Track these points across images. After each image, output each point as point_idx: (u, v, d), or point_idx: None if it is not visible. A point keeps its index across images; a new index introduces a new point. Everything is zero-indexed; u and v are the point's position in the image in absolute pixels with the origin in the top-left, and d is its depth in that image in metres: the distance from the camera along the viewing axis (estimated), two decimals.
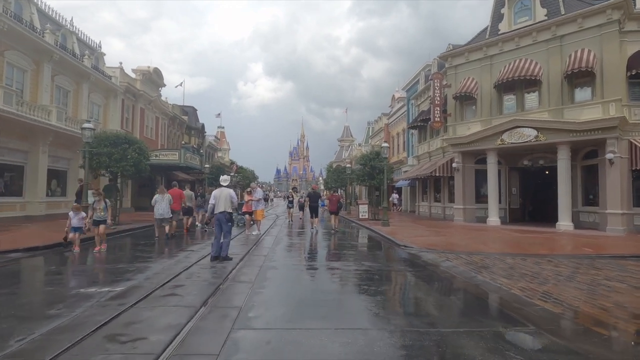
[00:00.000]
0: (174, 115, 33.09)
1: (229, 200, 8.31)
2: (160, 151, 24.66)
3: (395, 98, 35.85)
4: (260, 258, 8.66)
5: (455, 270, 7.57)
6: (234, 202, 8.39)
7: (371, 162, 19.98)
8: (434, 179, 22.55)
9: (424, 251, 10.03)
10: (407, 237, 12.65)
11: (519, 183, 18.48)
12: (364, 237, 13.93)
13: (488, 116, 16.92)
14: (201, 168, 29.61)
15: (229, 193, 8.35)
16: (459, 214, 18.02)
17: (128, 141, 15.36)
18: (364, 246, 11.57)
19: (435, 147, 22.19)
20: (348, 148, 61.26)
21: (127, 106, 24.81)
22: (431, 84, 18.55)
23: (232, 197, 8.36)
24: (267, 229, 15.74)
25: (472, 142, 17.04)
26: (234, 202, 8.40)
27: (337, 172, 33.77)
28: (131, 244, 11.47)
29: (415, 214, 25.63)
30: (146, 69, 26.73)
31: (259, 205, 13.55)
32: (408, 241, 11.51)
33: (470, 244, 11.11)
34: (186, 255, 8.98)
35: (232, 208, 8.36)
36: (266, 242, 11.75)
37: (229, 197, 8.32)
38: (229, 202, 8.30)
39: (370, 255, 9.83)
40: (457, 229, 15.45)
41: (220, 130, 62.64)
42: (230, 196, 8.33)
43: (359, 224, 18.49)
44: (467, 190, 18.07)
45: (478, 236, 13.05)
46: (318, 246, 11.27)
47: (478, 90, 17.05)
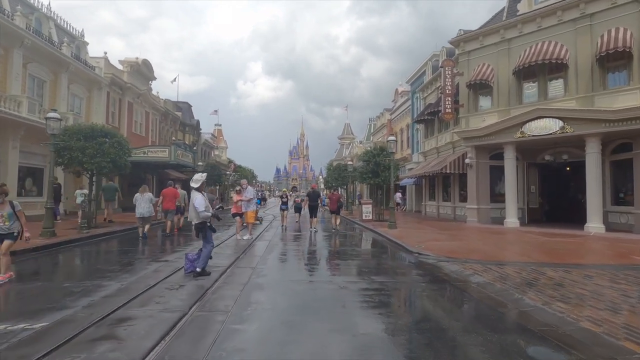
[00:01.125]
0: (166, 110, 31.46)
1: (192, 209, 6.64)
2: (148, 148, 23.04)
3: (398, 92, 34.21)
4: (246, 271, 7.05)
5: (492, 289, 5.95)
6: (198, 211, 6.49)
7: (375, 158, 18.36)
8: (443, 177, 20.94)
9: (443, 260, 8.42)
10: (419, 241, 11.04)
11: (538, 180, 16.86)
12: (370, 241, 12.32)
13: (506, 106, 15.29)
14: (194, 166, 27.97)
15: (192, 200, 6.65)
16: (473, 214, 16.40)
17: (105, 134, 13.74)
18: (370, 254, 9.96)
19: (444, 142, 20.56)
20: (349, 146, 59.61)
21: (113, 100, 23.17)
22: (441, 72, 16.92)
23: (195, 207, 6.50)
24: (261, 232, 14.13)
25: (487, 135, 15.41)
26: (199, 212, 6.49)
27: (338, 170, 32.14)
28: (97, 252, 9.84)
29: (422, 214, 24.01)
30: (134, 60, 25.09)
31: (249, 206, 11.93)
32: (421, 247, 9.92)
33: (494, 251, 9.50)
34: (158, 267, 7.36)
35: (200, 219, 6.64)
36: (258, 249, 10.14)
37: (192, 205, 6.66)
38: (194, 212, 6.64)
39: (379, 266, 8.21)
40: (473, 231, 13.84)
41: (218, 128, 61.00)
42: (194, 206, 6.54)
43: (363, 225, 16.88)
44: (481, 189, 16.45)
45: (500, 241, 11.43)
46: (317, 254, 9.65)
47: (494, 78, 15.42)
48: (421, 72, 25.88)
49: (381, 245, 11.22)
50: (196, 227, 6.71)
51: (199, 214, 6.53)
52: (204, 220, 6.67)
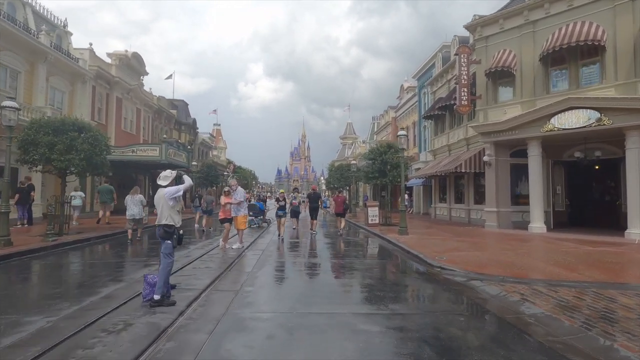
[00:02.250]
0: (159, 108, 29.90)
1: (164, 206, 5.08)
2: (137, 146, 21.43)
3: (404, 88, 32.54)
4: (227, 297, 5.41)
5: (561, 328, 4.27)
6: (171, 196, 5.10)
7: (382, 156, 16.73)
8: (455, 177, 19.26)
9: (474, 278, 6.77)
10: (438, 251, 9.37)
11: (564, 180, 15.15)
12: (379, 251, 10.64)
13: (530, 96, 13.60)
14: (188, 166, 26.36)
15: (162, 196, 5.13)
16: (492, 218, 14.71)
17: (79, 128, 12.14)
18: (382, 268, 8.27)
19: (457, 138, 18.88)
20: (351, 146, 57.96)
21: (99, 94, 21.61)
22: (456, 61, 15.26)
23: (167, 199, 5.10)
24: (255, 239, 12.49)
25: (509, 129, 13.73)
26: (171, 197, 5.10)
27: (340, 170, 30.52)
28: (52, 267, 8.13)
29: (431, 217, 22.31)
30: (123, 53, 23.54)
31: (240, 210, 10.28)
32: (443, 259, 8.25)
33: (532, 265, 7.82)
34: (114, 291, 5.72)
35: (171, 219, 5.07)
36: (247, 261, 8.49)
37: (162, 201, 5.10)
38: (165, 210, 5.07)
39: (396, 286, 6.53)
40: (496, 238, 12.15)
41: (216, 128, 59.50)
42: (165, 197, 5.10)
43: (369, 230, 15.21)
44: (501, 190, 14.76)
45: (532, 250, 9.74)
46: (318, 269, 7.97)
47: (517, 65, 13.74)
48: (430, 65, 24.22)
49: (393, 256, 9.54)
50: (160, 234, 5.08)
51: (170, 199, 5.09)
52: (171, 226, 5.06)
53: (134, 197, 11.53)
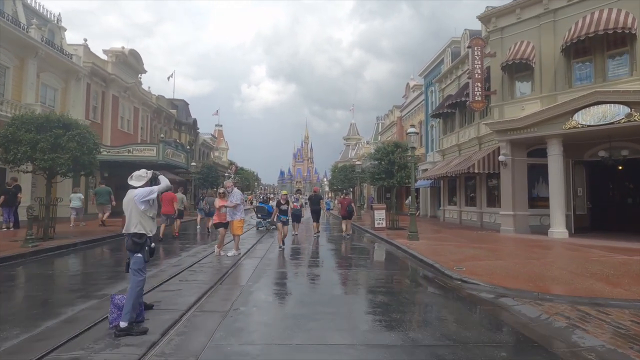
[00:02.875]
0: (158, 107, 29.12)
1: (133, 211, 4.19)
2: (134, 146, 20.62)
3: (410, 86, 31.58)
4: (212, 320, 4.49)
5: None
6: (141, 199, 4.19)
7: (389, 155, 15.79)
8: (466, 178, 18.28)
9: (504, 294, 5.84)
10: (454, 260, 8.42)
11: (585, 182, 14.13)
12: (390, 260, 9.67)
13: (551, 91, 12.61)
14: (187, 167, 25.56)
15: (132, 199, 4.23)
16: (508, 222, 13.71)
17: (64, 125, 11.29)
18: (396, 281, 7.30)
19: (468, 137, 17.90)
20: (355, 147, 57.00)
21: (94, 92, 20.83)
22: (469, 54, 14.30)
23: (138, 202, 4.19)
24: (254, 244, 11.57)
25: (527, 126, 12.75)
26: (142, 200, 4.20)
27: (344, 171, 29.61)
28: (21, 278, 7.24)
29: (440, 220, 21.30)
30: (119, 50, 22.76)
31: (236, 214, 9.36)
32: (462, 270, 7.31)
33: (567, 277, 6.82)
34: (80, 312, 4.82)
35: (141, 227, 4.18)
36: (243, 272, 7.57)
37: (131, 205, 4.20)
38: (135, 216, 4.18)
39: (414, 307, 5.56)
40: (515, 244, 11.15)
41: (218, 129, 58.80)
42: (135, 201, 4.20)
43: (376, 235, 14.25)
44: (518, 192, 13.77)
45: (560, 259, 8.74)
46: (322, 281, 7.01)
47: (536, 57, 12.76)
48: (437, 61, 23.26)
49: (405, 266, 8.58)
50: (128, 246, 4.19)
51: (141, 202, 4.20)
52: (142, 235, 4.16)
53: None
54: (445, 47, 21.43)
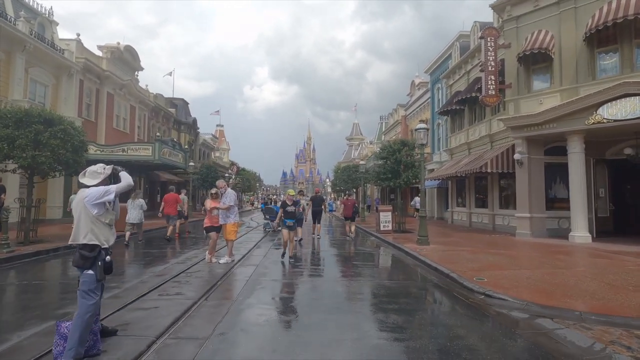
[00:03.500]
0: (156, 106, 28.34)
1: (83, 216, 3.32)
2: (128, 145, 19.78)
3: (415, 84, 30.64)
4: (188, 351, 3.61)
5: None
6: (93, 213, 3.36)
7: (395, 154, 14.87)
8: (476, 178, 17.33)
9: (540, 314, 4.94)
10: (472, 268, 7.52)
11: (608, 182, 13.16)
12: (400, 268, 8.74)
13: (572, 83, 11.66)
14: (185, 166, 24.73)
15: (82, 200, 3.36)
16: (524, 225, 12.76)
17: (46, 121, 10.47)
18: (409, 296, 6.37)
19: (479, 135, 16.95)
20: (358, 147, 56.07)
21: (88, 89, 20.05)
22: (482, 45, 13.36)
23: (89, 206, 3.36)
24: (250, 249, 10.68)
25: (546, 122, 11.81)
26: (94, 216, 3.37)
27: (347, 171, 28.72)
28: None
29: (447, 222, 20.34)
30: (115, 45, 21.98)
31: (229, 216, 8.48)
32: (484, 280, 6.41)
33: (608, 291, 5.88)
34: (39, 334, 3.93)
35: (93, 236, 3.31)
36: (234, 283, 6.69)
37: (79, 208, 3.33)
38: (85, 223, 3.30)
39: (436, 332, 4.63)
40: (536, 250, 10.19)
41: (219, 129, 58.05)
42: (85, 204, 3.35)
43: (382, 239, 13.33)
44: (535, 192, 12.82)
45: (591, 267, 7.79)
46: (326, 296, 6.07)
47: (555, 47, 11.82)
48: (445, 56, 22.33)
49: (418, 275, 7.65)
50: (75, 261, 3.31)
51: (93, 205, 3.36)
52: (94, 247, 3.28)
53: (134, 201, 11.51)
54: (453, 41, 20.50)
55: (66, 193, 18.04)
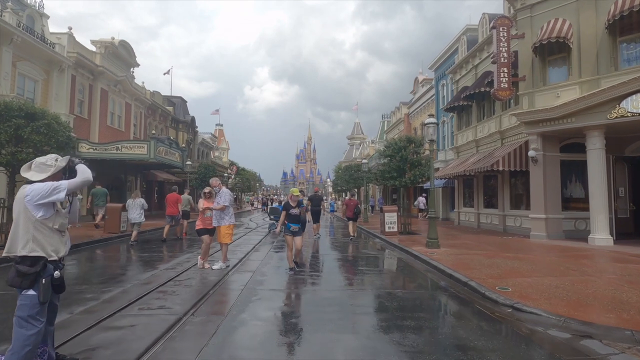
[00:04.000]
0: (153, 103, 27.61)
1: (22, 219, 2.58)
2: (122, 142, 19.06)
3: (418, 81, 29.88)
4: None
5: None
6: (37, 216, 2.61)
7: (401, 152, 14.14)
8: (485, 177, 16.59)
9: (582, 332, 4.22)
10: (492, 275, 6.79)
11: (628, 180, 12.40)
12: (411, 275, 7.99)
13: (593, 75, 10.91)
14: (182, 166, 24.01)
15: (21, 200, 2.61)
16: (539, 226, 12.01)
17: (28, 115, 9.75)
18: (426, 309, 5.61)
19: (487, 132, 16.19)
20: (359, 146, 55.30)
21: (80, 85, 19.32)
22: (493, 36, 12.60)
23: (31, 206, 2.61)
24: (247, 253, 9.94)
25: (564, 116, 11.07)
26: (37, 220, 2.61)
27: (349, 170, 27.98)
28: None
29: (454, 223, 19.58)
30: (109, 40, 21.25)
31: (224, 218, 7.74)
32: (506, 290, 5.69)
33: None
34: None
35: (36, 246, 2.57)
36: (227, 293, 5.95)
37: (19, 209, 2.59)
38: (25, 228, 2.56)
39: (464, 357, 3.89)
40: (556, 253, 9.44)
41: (219, 129, 57.37)
42: (26, 205, 2.60)
43: (387, 241, 12.59)
44: (550, 192, 12.07)
45: (625, 275, 7.02)
46: (331, 310, 5.31)
47: (574, 37, 11.07)
48: (451, 51, 21.59)
49: (433, 284, 6.90)
50: (11, 278, 2.57)
51: (36, 206, 2.62)
52: (36, 260, 2.54)
53: (135, 200, 11.51)
54: (459, 34, 19.74)
55: None
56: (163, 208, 22.26)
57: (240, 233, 15.44)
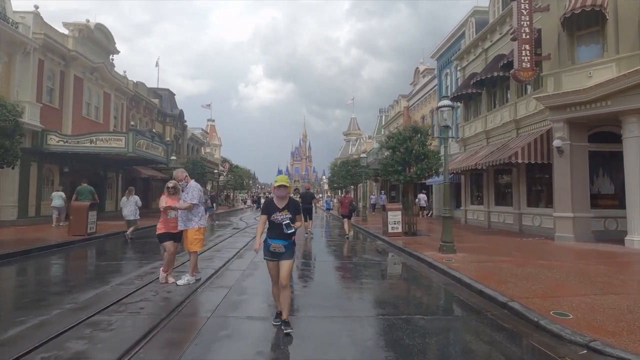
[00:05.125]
0: (136, 94, 25.75)
1: None
2: (96, 135, 17.28)
3: (419, 71, 28.32)
4: None
5: None
6: None
7: (406, 143, 12.55)
8: (496, 171, 15.10)
9: None
10: (535, 293, 5.23)
11: None
12: (428, 290, 6.40)
13: (633, 50, 9.38)
14: (167, 161, 22.26)
15: None
16: (565, 226, 10.51)
17: None
18: (460, 346, 4.00)
19: (500, 121, 14.66)
20: (355, 142, 53.74)
21: (50, 71, 17.48)
22: (514, 9, 10.98)
23: None
24: (229, 260, 8.30)
25: (597, 99, 9.56)
26: None
27: (346, 166, 26.40)
28: None
29: (460, 222, 18.07)
30: (83, 24, 19.38)
31: (191, 219, 6.08)
32: (568, 317, 4.12)
33: None
34: None
35: None
36: (186, 325, 4.30)
37: None
38: None
39: None
40: (597, 260, 7.91)
41: (210, 124, 55.40)
42: None
43: (391, 243, 11.01)
44: (578, 187, 10.57)
45: None
46: (330, 351, 3.73)
47: (610, 7, 9.53)
48: (457, 36, 20.02)
49: (460, 305, 5.30)
50: None
51: None
52: None
53: (129, 199, 11.44)
54: (467, 17, 18.16)
55: (23, 190, 15.56)
56: (146, 207, 20.58)
57: (226, 234, 13.80)
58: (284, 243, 3.95)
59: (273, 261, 4.03)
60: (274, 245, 3.95)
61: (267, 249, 4.02)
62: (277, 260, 4.01)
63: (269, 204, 4.11)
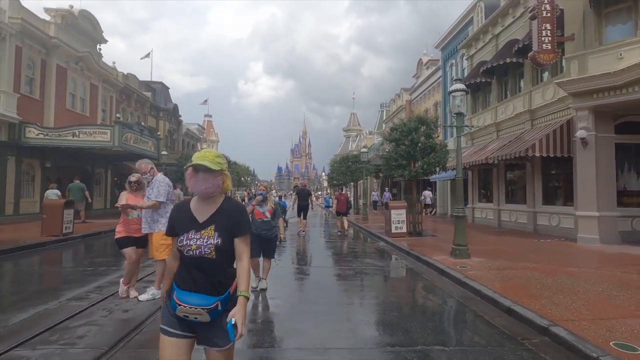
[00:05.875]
0: (126, 87, 24.62)
1: None
2: (80, 127, 16.20)
3: (422, 63, 27.16)
4: None
5: None
6: None
7: (411, 135, 11.48)
8: (507, 166, 14.03)
9: None
10: (580, 312, 4.13)
11: None
12: (441, 305, 5.34)
13: None
14: (157, 156, 21.17)
15: None
16: (590, 227, 9.44)
17: None
18: None
19: (512, 112, 13.56)
20: (356, 138, 52.63)
21: (29, 59, 16.37)
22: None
23: None
24: None
25: (628, 83, 8.46)
26: None
27: (346, 161, 25.29)
28: None
29: (467, 221, 16.94)
30: (66, 9, 18.25)
31: (158, 220, 5.01)
32: (636, 349, 3.04)
33: None
34: None
35: None
36: (143, 352, 3.24)
37: None
38: None
39: None
40: (633, 265, 6.85)
41: (207, 120, 54.37)
42: None
43: (396, 245, 9.94)
44: (603, 183, 9.50)
45: None
46: None
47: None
48: (463, 23, 18.89)
49: (490, 330, 4.22)
50: None
51: None
52: None
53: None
54: (475, 1, 17.00)
55: None
56: None
57: None
58: (210, 302, 1.78)
59: (177, 339, 1.83)
60: (185, 306, 1.78)
61: (170, 308, 1.86)
62: (186, 339, 1.85)
63: (179, 211, 2.01)
